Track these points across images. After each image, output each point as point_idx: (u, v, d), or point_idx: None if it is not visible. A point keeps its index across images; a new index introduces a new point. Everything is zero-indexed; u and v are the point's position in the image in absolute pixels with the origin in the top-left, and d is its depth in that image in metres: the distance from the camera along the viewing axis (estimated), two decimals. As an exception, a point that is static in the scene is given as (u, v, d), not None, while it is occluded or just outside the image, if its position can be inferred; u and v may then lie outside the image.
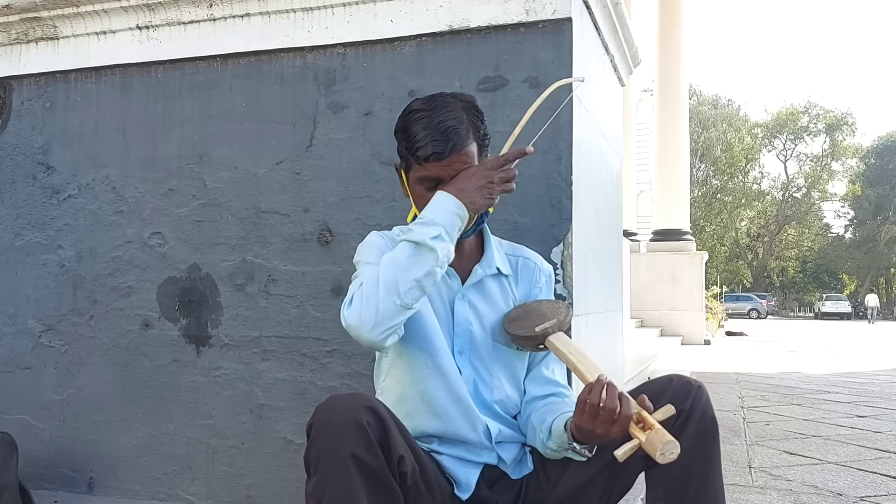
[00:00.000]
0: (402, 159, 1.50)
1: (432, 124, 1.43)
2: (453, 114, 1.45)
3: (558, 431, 1.39)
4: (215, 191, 2.39)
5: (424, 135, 1.42)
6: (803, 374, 7.80)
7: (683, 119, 12.43)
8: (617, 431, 1.26)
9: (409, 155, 1.46)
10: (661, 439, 1.20)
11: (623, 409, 1.25)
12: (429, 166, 1.43)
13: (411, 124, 1.45)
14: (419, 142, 1.42)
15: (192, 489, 2.36)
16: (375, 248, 1.47)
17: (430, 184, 1.45)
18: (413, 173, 1.47)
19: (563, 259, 2.03)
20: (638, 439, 1.23)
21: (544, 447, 1.44)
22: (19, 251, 2.62)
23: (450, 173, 1.43)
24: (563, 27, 2.07)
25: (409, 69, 2.21)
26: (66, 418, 2.52)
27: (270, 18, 2.34)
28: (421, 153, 1.42)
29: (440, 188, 1.41)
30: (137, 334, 2.45)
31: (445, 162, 1.42)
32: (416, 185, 1.47)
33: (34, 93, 2.65)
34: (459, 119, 1.44)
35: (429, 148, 1.41)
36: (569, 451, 1.40)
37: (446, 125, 1.43)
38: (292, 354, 2.27)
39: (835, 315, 40.61)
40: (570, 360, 1.40)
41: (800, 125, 49.96)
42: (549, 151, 2.05)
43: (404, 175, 1.51)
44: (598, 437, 1.29)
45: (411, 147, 1.44)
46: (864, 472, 3.23)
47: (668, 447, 1.20)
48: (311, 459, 1.24)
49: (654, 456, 1.20)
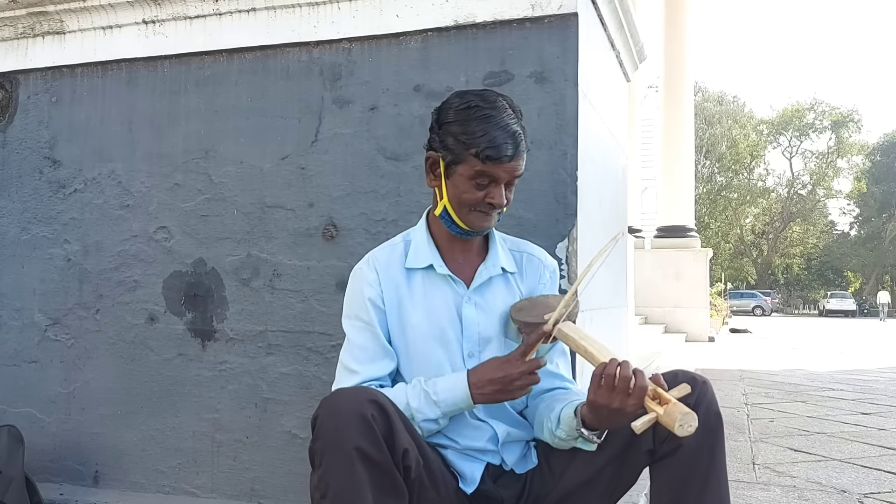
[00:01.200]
0: (447, 150, 1.45)
1: (500, 125, 1.41)
2: (514, 118, 1.45)
3: (567, 418, 1.39)
4: (221, 185, 2.40)
5: (495, 135, 1.40)
6: (807, 371, 7.79)
7: (688, 115, 12.39)
8: (633, 405, 1.26)
9: (464, 150, 1.42)
10: (679, 411, 1.21)
11: (638, 379, 1.26)
12: (491, 167, 1.41)
13: (472, 120, 1.42)
14: (488, 141, 1.40)
15: (197, 482, 2.37)
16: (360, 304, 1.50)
17: (484, 181, 1.44)
18: (464, 167, 1.43)
19: (567, 254, 2.03)
20: (655, 412, 1.23)
21: (552, 436, 1.44)
22: (26, 245, 2.63)
23: (507, 175, 1.43)
24: (568, 22, 2.07)
25: (414, 64, 2.21)
26: (71, 412, 2.53)
27: (276, 13, 2.34)
28: (490, 153, 1.39)
29: (474, 370, 1.41)
30: (143, 328, 2.46)
31: (509, 165, 1.42)
32: (463, 181, 1.44)
33: (40, 87, 2.66)
34: (519, 124, 1.45)
35: (500, 150, 1.40)
36: (577, 440, 1.40)
37: (513, 129, 1.42)
38: (297, 349, 2.27)
39: (839, 312, 40.49)
40: (582, 345, 1.40)
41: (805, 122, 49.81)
42: (555, 147, 2.05)
43: (443, 167, 1.47)
44: (613, 414, 1.28)
45: (473, 143, 1.41)
46: (868, 468, 3.22)
47: (687, 419, 1.20)
48: (317, 452, 1.25)
49: (673, 428, 1.20)
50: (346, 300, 1.55)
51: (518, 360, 1.38)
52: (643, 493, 2.02)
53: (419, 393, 1.40)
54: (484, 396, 1.39)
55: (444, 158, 1.47)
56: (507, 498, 1.46)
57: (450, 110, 1.47)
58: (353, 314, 1.52)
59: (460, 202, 1.47)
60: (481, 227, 1.49)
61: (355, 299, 1.52)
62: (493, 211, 1.48)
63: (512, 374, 1.37)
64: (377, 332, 1.49)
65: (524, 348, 1.38)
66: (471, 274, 1.54)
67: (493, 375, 1.38)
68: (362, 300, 1.50)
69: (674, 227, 12.20)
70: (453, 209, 1.48)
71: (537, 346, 1.39)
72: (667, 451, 1.39)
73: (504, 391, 1.38)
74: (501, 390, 1.38)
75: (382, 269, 1.52)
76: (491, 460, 1.49)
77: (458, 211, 1.48)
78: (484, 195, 1.45)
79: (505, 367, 1.38)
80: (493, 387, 1.38)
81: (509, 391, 1.38)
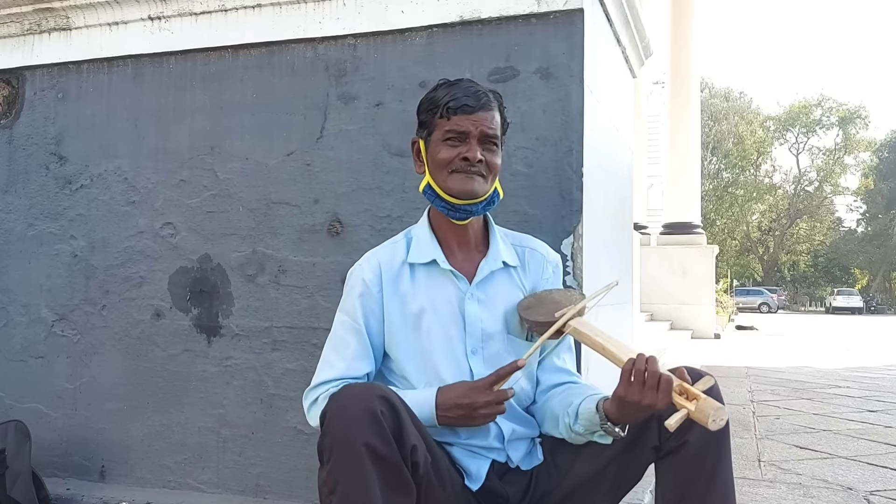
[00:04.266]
0: (422, 127, 1.52)
1: (462, 87, 1.48)
2: (480, 86, 1.52)
3: (588, 413, 1.38)
4: (226, 182, 2.40)
5: (455, 92, 1.47)
6: (814, 368, 7.77)
7: (695, 111, 12.35)
8: (662, 399, 1.27)
9: (433, 114, 1.49)
10: (711, 406, 1.21)
11: (665, 374, 1.27)
12: (457, 119, 1.46)
13: (438, 91, 1.50)
14: (450, 98, 1.46)
15: (202, 478, 2.38)
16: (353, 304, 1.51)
17: (455, 138, 1.47)
18: (437, 132, 1.49)
19: (573, 251, 2.03)
20: (686, 409, 1.23)
21: (569, 431, 1.43)
22: (32, 241, 2.64)
23: (477, 129, 1.46)
24: (574, 18, 2.06)
25: (419, 60, 2.20)
26: (78, 407, 2.54)
27: (282, 9, 2.34)
28: (452, 104, 1.45)
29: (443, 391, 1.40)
30: (149, 324, 2.47)
31: (474, 117, 1.46)
32: (437, 144, 1.48)
33: (47, 83, 2.66)
34: (486, 90, 1.51)
35: (460, 100, 1.45)
36: (596, 434, 1.39)
37: (475, 87, 1.50)
38: (302, 345, 2.28)
39: (846, 310, 40.32)
40: (599, 342, 1.40)
41: (812, 118, 49.57)
42: (560, 143, 2.05)
43: (423, 146, 1.53)
44: (642, 409, 1.29)
45: (439, 104, 1.47)
46: (874, 466, 3.22)
47: (719, 413, 1.21)
48: (325, 448, 1.25)
49: (706, 423, 1.21)
50: (343, 295, 1.56)
51: (486, 388, 1.38)
52: (648, 490, 2.02)
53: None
54: (448, 419, 1.39)
55: (421, 137, 1.53)
56: (512, 494, 1.46)
57: (425, 96, 1.55)
58: (344, 310, 1.54)
59: (437, 166, 1.49)
60: (463, 189, 1.47)
61: (348, 296, 1.53)
62: (472, 169, 1.47)
63: (478, 403, 1.37)
64: (362, 332, 1.50)
65: (494, 378, 1.38)
66: (472, 269, 1.54)
67: (460, 401, 1.38)
68: (353, 299, 1.51)
69: (680, 224, 12.16)
70: (434, 180, 1.50)
71: (508, 378, 1.39)
72: (672, 448, 1.39)
73: (468, 417, 1.38)
74: (466, 416, 1.38)
75: (385, 267, 1.52)
76: (496, 457, 1.49)
77: (437, 179, 1.49)
78: (457, 153, 1.47)
79: (472, 394, 1.38)
80: (459, 412, 1.38)
81: (473, 418, 1.38)
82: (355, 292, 1.51)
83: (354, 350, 1.49)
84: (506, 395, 1.39)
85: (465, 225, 1.54)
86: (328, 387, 1.47)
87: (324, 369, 1.51)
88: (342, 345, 1.50)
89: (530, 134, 2.08)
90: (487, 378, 1.38)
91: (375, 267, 1.52)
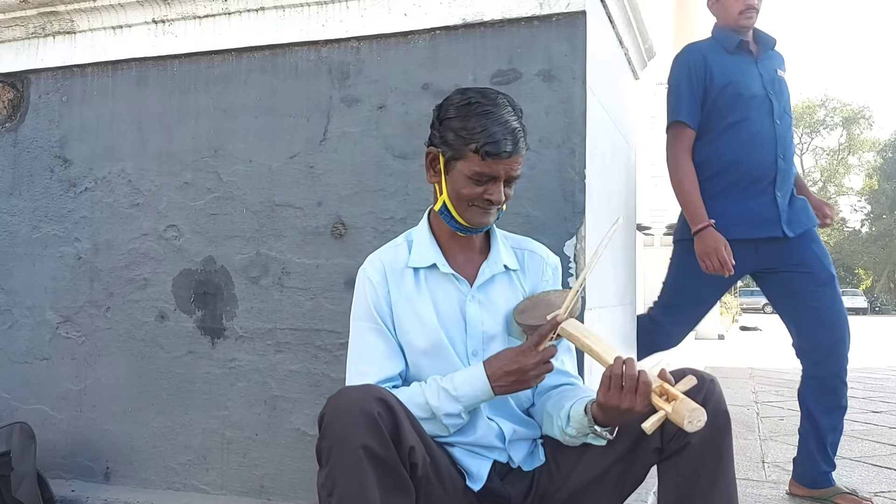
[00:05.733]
0: (446, 146, 1.46)
1: (500, 121, 1.42)
2: (514, 115, 1.46)
3: (578, 415, 1.39)
4: (230, 184, 2.41)
5: (494, 131, 1.41)
6: (818, 369, 7.73)
7: (698, 112, 12.31)
8: (641, 402, 1.27)
9: (463, 146, 1.43)
10: (686, 407, 1.21)
11: (642, 377, 1.27)
12: (490, 163, 1.42)
13: (472, 116, 1.43)
14: (487, 136, 1.40)
15: (206, 479, 2.39)
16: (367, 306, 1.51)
17: (483, 178, 1.44)
18: (464, 164, 1.44)
19: (576, 252, 2.03)
20: (664, 410, 1.23)
21: (563, 434, 1.44)
22: (37, 243, 2.65)
23: (506, 173, 1.44)
24: (577, 20, 2.06)
25: (422, 63, 2.21)
26: (83, 409, 2.55)
27: (285, 12, 2.35)
28: (489, 149, 1.40)
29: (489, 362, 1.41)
30: (153, 326, 2.48)
31: (506, 162, 1.43)
32: (462, 177, 1.45)
33: (51, 86, 2.68)
34: (519, 122, 1.46)
35: (499, 145, 1.40)
36: (588, 436, 1.40)
37: (512, 125, 1.43)
38: (306, 346, 2.28)
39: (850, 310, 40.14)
40: (586, 343, 1.40)
41: (816, 119, 49.53)
42: (563, 145, 2.05)
43: (443, 162, 1.48)
44: (623, 413, 1.29)
45: (472, 139, 1.42)
46: (878, 467, 3.21)
47: (695, 414, 1.21)
48: (324, 450, 1.25)
49: (682, 424, 1.21)
50: (353, 303, 1.56)
51: (532, 350, 1.39)
52: (651, 492, 2.02)
53: (437, 391, 1.41)
54: (502, 388, 1.40)
55: (443, 154, 1.48)
56: (514, 495, 1.47)
57: (450, 107, 1.48)
58: (360, 316, 1.53)
59: (459, 197, 1.47)
60: (480, 223, 1.49)
61: (361, 302, 1.53)
62: (492, 207, 1.48)
63: (527, 365, 1.38)
64: (384, 331, 1.50)
65: (537, 338, 1.39)
66: (473, 272, 1.54)
67: (509, 367, 1.39)
68: (367, 304, 1.51)
69: (684, 225, 12.12)
70: (452, 205, 1.49)
71: (549, 336, 1.40)
72: (674, 450, 1.39)
73: (520, 381, 1.40)
74: (518, 381, 1.39)
75: (389, 270, 1.53)
76: (498, 458, 1.49)
77: (457, 206, 1.48)
78: (482, 191, 1.45)
79: (520, 358, 1.39)
80: (511, 378, 1.39)
81: (525, 381, 1.40)
82: (367, 295, 1.51)
83: (383, 351, 1.49)
84: (552, 353, 1.41)
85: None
86: None
87: (355, 379, 1.48)
88: (368, 350, 1.50)
89: (533, 136, 2.07)
90: (531, 340, 1.40)
91: (380, 268, 1.53)
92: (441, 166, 1.49)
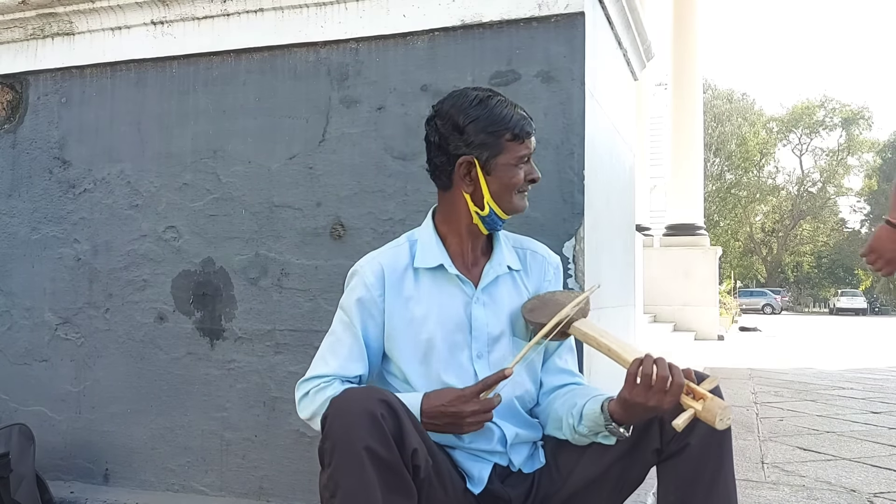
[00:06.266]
0: (481, 148, 1.46)
1: (509, 105, 1.50)
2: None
3: (593, 413, 1.38)
4: (229, 185, 2.41)
5: (513, 113, 1.48)
6: (817, 369, 7.76)
7: (698, 113, 12.34)
8: (670, 401, 1.26)
9: (498, 139, 1.47)
10: (718, 405, 1.22)
11: (675, 377, 1.26)
12: (528, 143, 1.50)
13: (492, 109, 1.47)
14: (515, 121, 1.47)
15: (205, 481, 2.39)
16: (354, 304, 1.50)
17: (524, 161, 1.50)
18: (506, 156, 1.48)
19: (575, 253, 2.03)
20: (693, 409, 1.23)
21: (573, 432, 1.43)
22: (36, 245, 2.65)
23: (532, 150, 1.52)
24: (575, 21, 2.07)
25: (421, 64, 2.21)
26: (82, 410, 2.55)
27: (284, 13, 2.35)
28: (521, 130, 1.47)
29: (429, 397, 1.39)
30: (152, 327, 2.48)
31: (531, 140, 1.51)
32: (509, 169, 1.48)
33: (50, 88, 2.68)
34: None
35: (526, 124, 1.49)
36: (600, 435, 1.39)
37: (520, 108, 1.52)
38: (305, 348, 2.28)
39: (850, 311, 40.24)
40: (603, 342, 1.40)
41: (815, 119, 49.55)
42: (562, 146, 2.05)
43: (479, 165, 1.48)
44: (648, 410, 1.29)
45: (506, 128, 1.47)
46: (878, 468, 3.21)
47: (726, 413, 1.22)
48: (326, 451, 1.25)
49: (714, 423, 1.21)
50: (345, 292, 1.55)
51: (472, 397, 1.36)
52: (651, 493, 2.02)
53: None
54: (433, 426, 1.37)
55: (479, 158, 1.47)
56: (514, 498, 1.46)
57: (464, 110, 1.47)
58: (344, 308, 1.54)
59: (509, 189, 1.49)
60: (523, 206, 1.54)
61: (349, 297, 1.53)
62: (528, 189, 1.54)
63: (464, 412, 1.36)
64: (358, 334, 1.49)
65: (481, 386, 1.36)
66: (478, 273, 1.54)
67: (447, 409, 1.36)
68: (353, 301, 1.50)
69: (683, 226, 12.15)
70: (496, 202, 1.50)
71: (495, 386, 1.37)
72: (674, 451, 1.39)
73: (454, 425, 1.37)
74: (452, 424, 1.37)
75: (388, 271, 1.51)
76: (498, 461, 1.49)
77: (503, 202, 1.50)
78: (524, 174, 1.50)
79: (457, 403, 1.36)
80: (445, 419, 1.37)
81: (460, 426, 1.37)
82: (355, 295, 1.51)
83: (349, 350, 1.50)
84: (492, 404, 1.37)
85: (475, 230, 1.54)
86: (320, 381, 1.47)
87: (318, 364, 1.51)
88: (338, 343, 1.51)
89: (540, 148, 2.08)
90: (474, 387, 1.37)
91: (378, 270, 1.52)
92: (478, 171, 1.48)
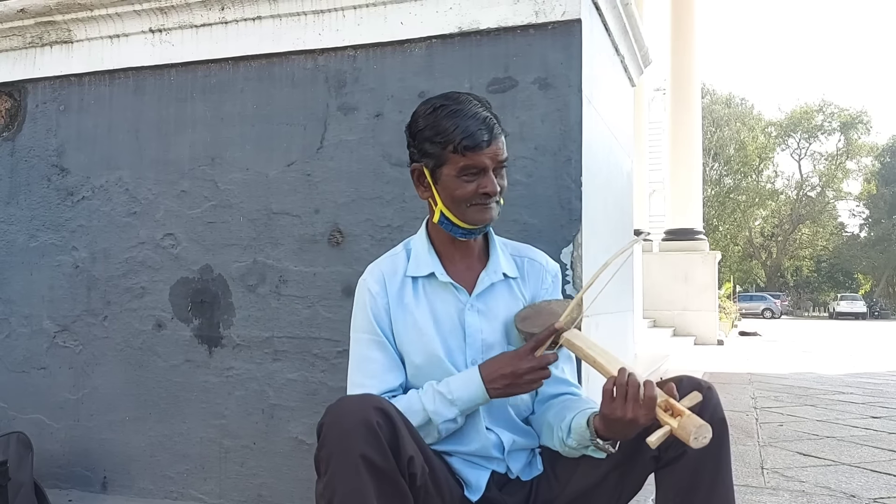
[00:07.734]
0: (427, 157, 1.47)
1: (468, 115, 1.43)
2: (481, 106, 1.46)
3: (580, 428, 1.38)
4: (227, 192, 2.41)
5: (466, 125, 1.41)
6: (817, 374, 7.74)
7: (696, 118, 12.35)
8: (644, 415, 1.25)
9: (442, 150, 1.43)
10: (693, 424, 1.20)
11: (647, 389, 1.26)
12: (472, 156, 1.42)
13: (442, 119, 1.43)
14: (462, 132, 1.41)
15: (204, 488, 2.38)
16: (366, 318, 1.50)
17: (472, 173, 1.44)
18: (450, 167, 1.44)
19: (573, 260, 2.03)
20: (669, 425, 1.22)
21: (563, 445, 1.43)
22: (34, 252, 2.65)
23: (492, 161, 1.44)
24: (572, 28, 2.07)
25: (418, 71, 2.22)
26: (80, 418, 2.54)
27: (281, 21, 2.35)
28: (467, 142, 1.41)
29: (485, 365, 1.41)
30: (150, 335, 2.48)
31: (489, 150, 1.43)
32: (452, 180, 1.45)
33: (48, 96, 2.68)
34: (488, 110, 1.47)
35: (475, 137, 1.41)
36: (589, 449, 1.39)
37: (483, 115, 1.44)
38: (303, 355, 2.28)
39: (850, 315, 40.24)
40: (590, 354, 1.40)
41: (814, 123, 49.60)
42: (559, 152, 2.06)
43: (428, 174, 1.48)
44: (626, 425, 1.28)
45: (449, 139, 1.42)
46: (878, 473, 3.20)
47: (702, 431, 1.19)
48: (322, 460, 1.25)
49: (688, 441, 1.19)
50: (353, 314, 1.55)
51: (527, 354, 1.39)
52: (649, 499, 2.01)
53: (433, 395, 1.41)
54: (497, 391, 1.39)
55: (427, 166, 1.48)
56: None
57: (418, 119, 1.49)
58: (360, 328, 1.51)
59: (455, 200, 1.46)
60: (482, 220, 1.48)
61: (361, 313, 1.52)
62: (490, 200, 1.47)
63: (521, 369, 1.38)
64: (385, 343, 1.49)
65: (534, 344, 1.39)
66: (472, 280, 1.54)
67: (504, 370, 1.39)
68: (367, 313, 1.50)
69: (682, 230, 12.15)
70: (450, 211, 1.48)
71: (547, 343, 1.39)
72: (672, 458, 1.39)
73: (515, 385, 1.39)
74: (512, 384, 1.39)
75: (389, 279, 1.52)
76: (496, 468, 1.49)
77: (455, 211, 1.48)
78: (476, 187, 1.45)
79: (514, 361, 1.39)
80: (505, 380, 1.39)
81: (519, 385, 1.39)
82: (367, 306, 1.50)
83: (382, 364, 1.48)
84: (548, 360, 1.39)
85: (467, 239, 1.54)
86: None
87: (357, 392, 1.46)
88: (367, 362, 1.48)
89: (529, 144, 2.08)
90: (527, 344, 1.40)
91: (380, 278, 1.52)
92: (428, 179, 1.49)
